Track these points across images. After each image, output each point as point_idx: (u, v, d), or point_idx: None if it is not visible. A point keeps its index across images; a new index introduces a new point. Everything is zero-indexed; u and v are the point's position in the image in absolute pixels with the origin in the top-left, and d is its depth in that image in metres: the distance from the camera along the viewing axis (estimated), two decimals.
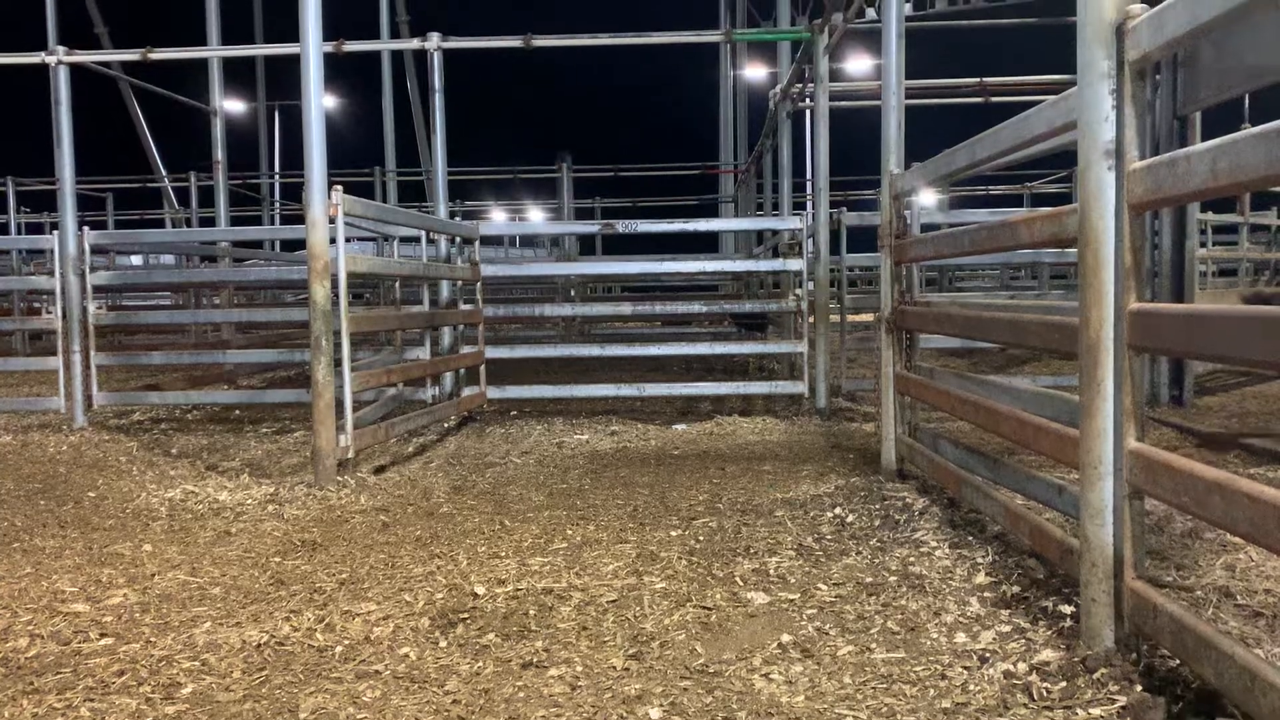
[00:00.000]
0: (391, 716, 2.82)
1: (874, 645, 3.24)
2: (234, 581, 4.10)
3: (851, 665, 3.09)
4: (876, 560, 4.17)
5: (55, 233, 8.69)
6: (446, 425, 8.28)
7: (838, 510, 5.02)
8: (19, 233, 19.61)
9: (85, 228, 8.84)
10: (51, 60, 8.99)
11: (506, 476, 6.27)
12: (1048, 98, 3.61)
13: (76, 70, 9.09)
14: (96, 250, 8.86)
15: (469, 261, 8.77)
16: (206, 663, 3.23)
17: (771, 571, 4.07)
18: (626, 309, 10.73)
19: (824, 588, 3.84)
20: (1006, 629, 3.28)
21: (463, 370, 8.81)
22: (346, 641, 3.39)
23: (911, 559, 4.15)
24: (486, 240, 9.07)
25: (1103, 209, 2.85)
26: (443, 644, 3.37)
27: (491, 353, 9.01)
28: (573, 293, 15.46)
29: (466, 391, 8.73)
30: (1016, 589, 3.65)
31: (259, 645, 3.36)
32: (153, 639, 3.44)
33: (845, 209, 9.33)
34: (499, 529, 4.91)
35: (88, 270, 8.57)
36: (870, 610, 3.57)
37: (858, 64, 17.37)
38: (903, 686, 2.91)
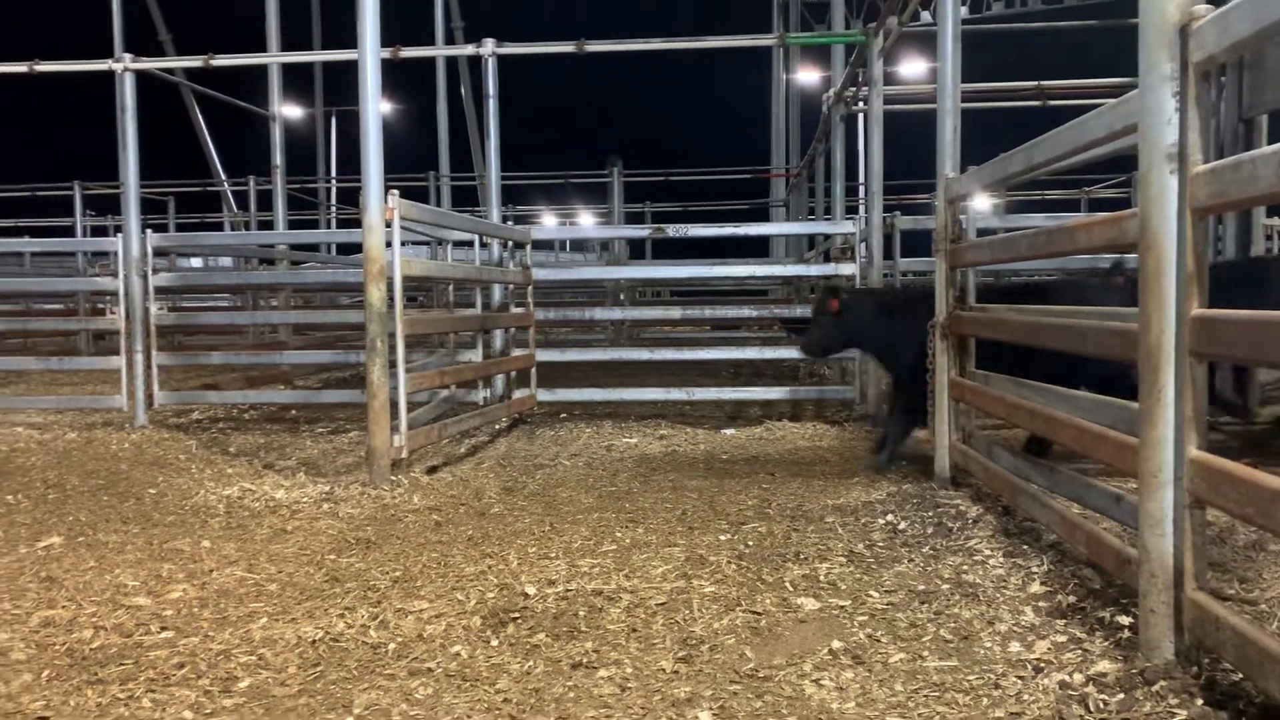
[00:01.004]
0: (443, 714, 2.85)
1: (926, 653, 3.21)
2: (290, 578, 4.17)
3: (903, 673, 3.06)
4: (929, 568, 4.13)
5: (119, 235, 8.90)
6: (497, 427, 8.34)
7: (890, 517, 4.98)
8: (84, 235, 20.10)
9: (148, 230, 9.04)
10: (118, 67, 9.21)
11: (556, 478, 6.30)
12: (1106, 101, 3.56)
13: (140, 76, 9.30)
14: (159, 252, 9.06)
15: (521, 265, 8.83)
16: (263, 657, 3.29)
17: (822, 577, 4.05)
18: (676, 313, 10.75)
19: (875, 594, 3.81)
20: (1062, 639, 3.23)
21: (514, 373, 8.87)
22: (400, 639, 3.43)
23: (965, 567, 4.10)
24: (537, 244, 9.13)
25: (1164, 213, 2.80)
26: (494, 643, 3.40)
27: (542, 356, 9.06)
28: (622, 296, 15.49)
29: (517, 394, 8.79)
30: (1072, 599, 3.60)
31: (314, 641, 3.42)
32: (211, 633, 3.51)
33: (899, 213, 9.25)
34: (549, 530, 4.94)
35: (150, 272, 8.77)
36: (922, 618, 3.53)
37: (911, 67, 17.21)
38: (955, 695, 2.88)
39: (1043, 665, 3.04)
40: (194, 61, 10.18)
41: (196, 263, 17.14)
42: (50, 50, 10.10)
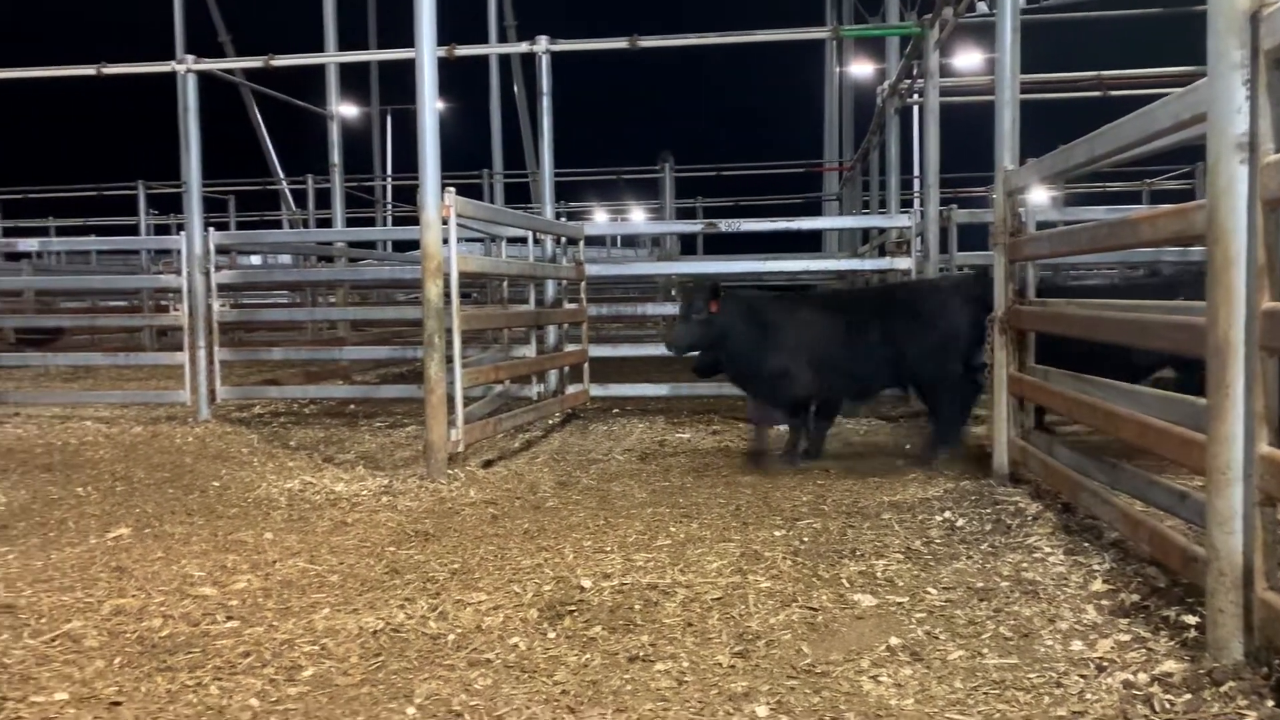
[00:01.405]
0: (503, 704, 2.88)
1: (985, 650, 3.18)
2: (351, 569, 4.24)
3: (962, 670, 3.04)
4: (988, 565, 4.08)
5: (182, 233, 9.09)
6: (551, 422, 8.40)
7: (947, 514, 4.93)
8: (147, 233, 20.56)
9: (210, 229, 9.24)
10: (181, 69, 9.41)
11: (610, 473, 6.33)
12: (1170, 91, 3.49)
13: (200, 77, 9.49)
14: (220, 250, 9.25)
15: (574, 261, 8.88)
16: (326, 647, 3.35)
17: (879, 574, 4.02)
18: None
19: (933, 591, 3.78)
20: (1125, 638, 3.18)
21: (567, 368, 8.92)
22: (458, 630, 3.48)
23: (1024, 564, 4.05)
24: (589, 240, 9.17)
25: (1233, 204, 2.74)
26: (551, 635, 3.43)
27: (595, 351, 9.10)
28: (674, 292, 15.48)
29: (571, 389, 8.83)
30: (1136, 597, 3.54)
31: (375, 632, 3.47)
32: (275, 623, 3.58)
33: (955, 206, 9.14)
34: (603, 524, 4.97)
35: (212, 269, 8.95)
36: (981, 615, 3.50)
37: (967, 59, 16.97)
38: (1016, 693, 2.85)
39: (1106, 664, 2.99)
40: (254, 62, 10.36)
41: (256, 260, 17.45)
42: (115, 53, 10.34)
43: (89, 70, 10.08)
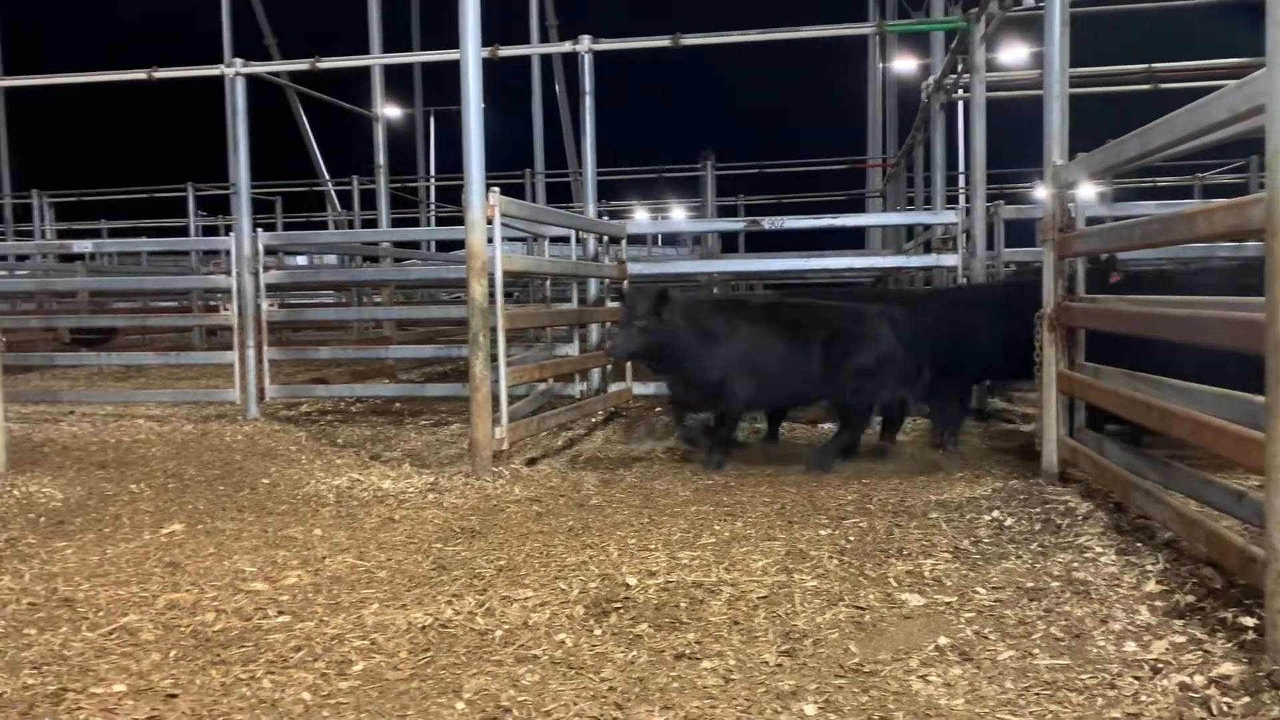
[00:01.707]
0: (550, 700, 2.90)
1: (1036, 651, 3.14)
2: (399, 565, 4.29)
3: (1013, 670, 3.01)
4: (1037, 565, 4.04)
5: (231, 234, 9.23)
6: (594, 420, 8.42)
7: (995, 513, 4.88)
8: (196, 235, 20.89)
9: (259, 230, 9.37)
10: (229, 72, 9.55)
11: (653, 471, 6.33)
12: (1225, 84, 3.42)
13: (248, 80, 9.62)
14: (269, 251, 9.38)
15: (616, 260, 8.89)
16: (375, 642, 3.39)
17: (926, 573, 3.99)
18: None
19: (982, 591, 3.74)
20: (1181, 639, 3.13)
21: (609, 366, 8.93)
22: (506, 626, 3.50)
23: (1075, 564, 4.00)
24: (631, 239, 9.17)
25: None
26: (597, 632, 3.44)
27: None
28: (715, 290, 15.46)
29: (613, 387, 8.85)
30: (1191, 598, 3.48)
31: (424, 627, 3.51)
32: (325, 618, 3.63)
33: (1002, 202, 9.04)
34: (647, 522, 4.97)
35: (261, 270, 9.08)
36: (1032, 615, 3.46)
37: (1013, 53, 16.76)
38: (1068, 694, 2.82)
39: (1161, 666, 2.95)
40: (301, 65, 10.48)
41: (303, 260, 17.68)
42: (164, 57, 10.52)
43: (140, 75, 10.26)
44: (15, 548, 4.70)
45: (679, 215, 24.79)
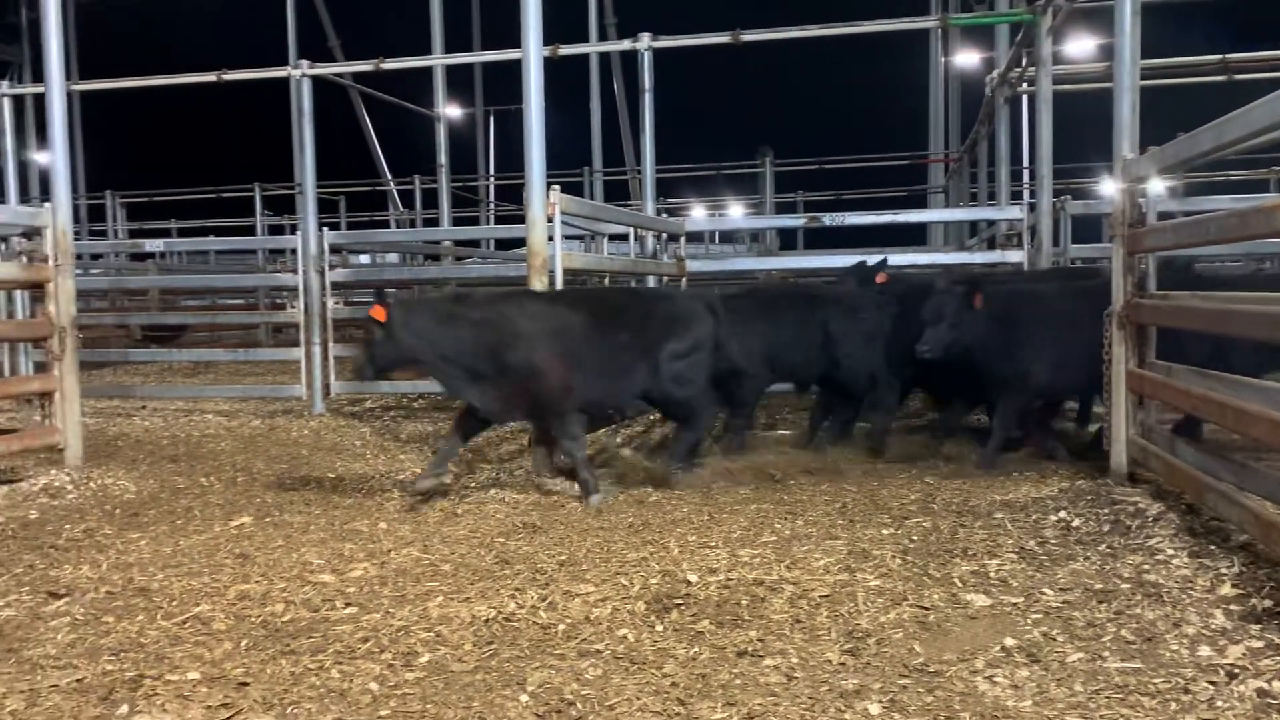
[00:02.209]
0: (613, 695, 2.91)
1: (1106, 654, 3.09)
2: (462, 559, 4.33)
3: (1082, 673, 2.95)
4: (1106, 566, 3.96)
5: (298, 234, 9.40)
6: (652, 416, 8.41)
7: (1062, 514, 4.79)
8: (263, 234, 21.30)
9: (324, 229, 9.52)
10: (296, 74, 9.73)
11: (709, 469, 6.30)
12: None
13: (313, 80, 9.78)
14: (333, 249, 9.53)
15: (675, 257, 8.88)
16: (440, 634, 3.43)
17: (992, 574, 3.94)
18: None
19: (1049, 592, 3.68)
20: (1258, 644, 3.05)
21: None
22: (568, 620, 3.53)
23: (1146, 566, 3.91)
24: (688, 236, 9.16)
25: None
26: (658, 628, 3.45)
27: None
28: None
29: None
30: (1269, 603, 3.39)
31: (487, 620, 3.54)
32: (391, 610, 3.69)
33: (1069, 197, 8.86)
34: (707, 519, 4.96)
35: (326, 268, 9.23)
36: (1101, 618, 3.40)
37: (1079, 45, 16.43)
38: (1140, 698, 2.76)
39: (1237, 671, 2.88)
40: (365, 66, 10.63)
41: (365, 259, 17.95)
42: (229, 61, 10.74)
43: (210, 77, 10.49)
44: (93, 538, 4.85)
45: (736, 212, 24.69)
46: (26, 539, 4.83)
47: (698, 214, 22.97)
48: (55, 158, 6.71)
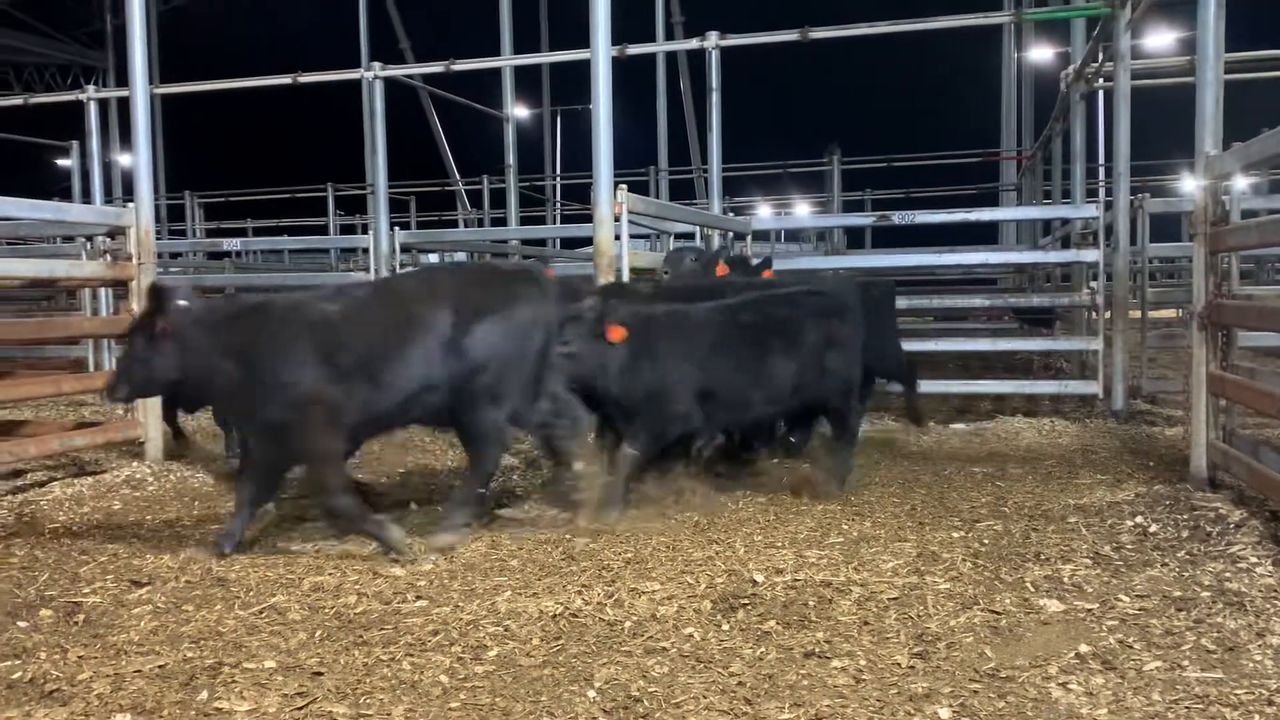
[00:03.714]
0: (680, 693, 2.92)
1: (1186, 663, 3.01)
2: (529, 555, 4.37)
3: (1160, 682, 2.89)
4: (1185, 573, 3.86)
5: (369, 233, 9.56)
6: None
7: (1139, 519, 4.68)
8: (335, 233, 21.69)
9: (395, 228, 9.68)
10: (369, 76, 9.90)
11: (778, 468, 6.27)
12: None
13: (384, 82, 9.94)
14: (404, 249, 9.68)
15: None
16: (508, 629, 3.47)
17: (1065, 579, 3.86)
18: (901, 303, 10.41)
19: (1125, 599, 3.60)
20: None
21: None
22: (634, 618, 3.54)
23: (1227, 574, 3.80)
24: (754, 235, 9.12)
25: None
26: (725, 627, 3.45)
27: None
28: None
29: None
30: None
31: (555, 615, 3.57)
32: (460, 604, 3.73)
33: (1147, 195, 8.65)
34: (773, 519, 4.94)
35: (398, 267, 9.38)
36: (1180, 626, 3.32)
37: (1158, 38, 16.00)
38: (1222, 709, 2.69)
39: None
40: (436, 67, 10.76)
41: (434, 258, 18.21)
42: (302, 64, 10.96)
43: (285, 79, 10.72)
44: (173, 529, 4.99)
45: (803, 211, 24.51)
46: (110, 529, 4.99)
47: (764, 213, 22.86)
48: (139, 160, 6.92)
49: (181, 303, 4.40)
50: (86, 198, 11.57)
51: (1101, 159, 15.89)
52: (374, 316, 4.57)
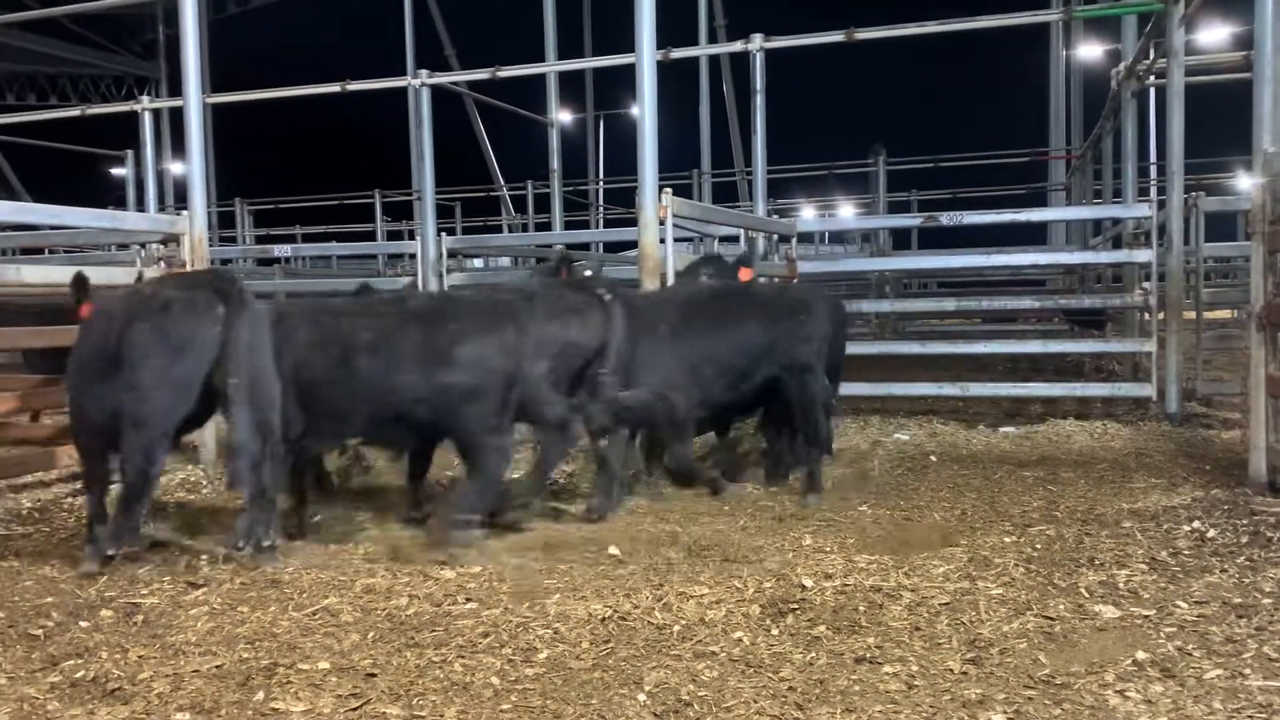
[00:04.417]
0: (730, 697, 2.92)
1: (1248, 671, 2.96)
2: (578, 558, 4.39)
3: (1221, 690, 2.84)
4: (1246, 580, 3.79)
5: (416, 239, 9.66)
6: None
7: (1196, 524, 4.60)
8: (382, 239, 21.92)
9: (441, 234, 9.76)
10: (415, 83, 10.01)
11: (825, 473, 6.22)
12: None
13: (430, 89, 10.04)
14: (450, 254, 9.76)
15: (786, 259, 8.82)
16: (558, 632, 3.48)
17: (1121, 584, 3.80)
18: (950, 304, 10.32)
19: (1183, 605, 3.54)
20: None
21: None
22: (683, 621, 3.54)
23: None
24: (799, 237, 9.07)
25: None
26: (774, 631, 3.44)
27: None
28: (887, 289, 15.10)
29: None
30: None
31: (604, 619, 3.58)
32: (510, 606, 3.76)
33: (1202, 193, 8.48)
34: (822, 524, 4.92)
35: (444, 272, 9.46)
36: (1241, 633, 3.25)
37: (1211, 34, 15.68)
38: None
39: None
40: (482, 74, 10.86)
41: (478, 263, 18.33)
42: (347, 72, 11.09)
43: (334, 87, 10.87)
44: (228, 532, 5.06)
45: (847, 212, 24.36)
46: (166, 531, 5.08)
47: (808, 214, 22.75)
48: (192, 168, 7.05)
49: None
50: (140, 205, 11.80)
51: (1153, 157, 15.65)
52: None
